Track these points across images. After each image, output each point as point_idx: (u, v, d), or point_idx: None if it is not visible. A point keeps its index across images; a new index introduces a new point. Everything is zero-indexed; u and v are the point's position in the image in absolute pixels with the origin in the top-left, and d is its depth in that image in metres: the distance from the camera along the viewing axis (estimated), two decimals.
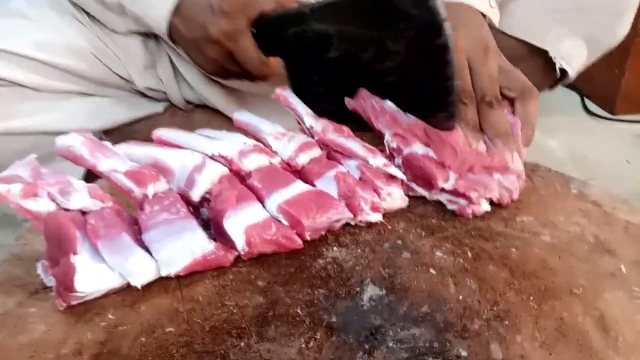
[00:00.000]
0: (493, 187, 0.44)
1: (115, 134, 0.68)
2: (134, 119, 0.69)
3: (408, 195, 0.46)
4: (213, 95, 0.71)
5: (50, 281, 0.37)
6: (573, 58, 0.73)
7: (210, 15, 0.52)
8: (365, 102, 0.49)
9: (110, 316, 0.35)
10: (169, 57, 0.69)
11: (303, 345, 0.32)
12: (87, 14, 0.67)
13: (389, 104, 0.48)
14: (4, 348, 0.33)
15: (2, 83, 0.61)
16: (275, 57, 0.55)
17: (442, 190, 0.44)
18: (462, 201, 0.44)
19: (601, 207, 0.47)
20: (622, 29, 0.75)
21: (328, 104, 0.51)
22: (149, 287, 0.37)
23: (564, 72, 0.75)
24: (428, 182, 0.45)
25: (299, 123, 0.50)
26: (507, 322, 0.34)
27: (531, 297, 0.37)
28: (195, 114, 0.74)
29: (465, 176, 0.44)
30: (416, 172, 0.45)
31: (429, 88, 0.45)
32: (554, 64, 0.74)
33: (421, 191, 0.46)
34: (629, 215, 0.46)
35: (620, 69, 1.06)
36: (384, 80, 0.48)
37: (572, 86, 1.20)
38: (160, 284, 0.37)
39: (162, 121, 0.72)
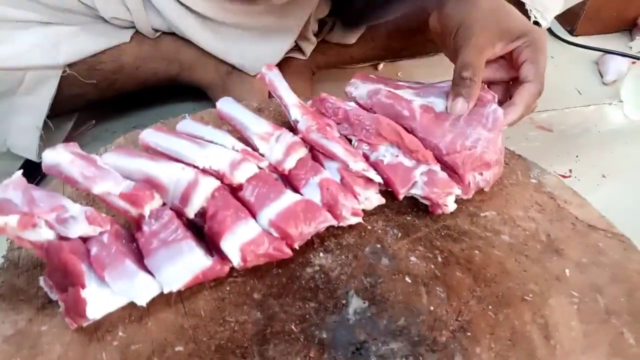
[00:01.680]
0: (451, 185, 0.48)
1: (79, 66, 0.65)
2: (99, 50, 0.65)
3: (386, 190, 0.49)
4: (182, 24, 0.67)
5: (55, 296, 0.39)
6: (548, 11, 0.73)
7: None
8: (327, 109, 0.50)
9: (120, 333, 0.38)
10: None
11: None
12: None
13: (350, 105, 0.49)
14: None
15: None
16: None
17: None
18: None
19: (555, 200, 0.52)
20: None
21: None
22: (152, 301, 0.40)
23: (537, 24, 0.76)
24: (395, 191, 0.48)
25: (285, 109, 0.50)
26: (469, 334, 0.41)
27: (490, 307, 0.43)
28: (163, 42, 0.71)
29: (432, 176, 0.47)
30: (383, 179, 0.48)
31: None
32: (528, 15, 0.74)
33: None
34: (578, 210, 0.52)
35: None
36: None
37: None
38: (162, 298, 0.40)
39: (128, 50, 0.68)
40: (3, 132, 0.63)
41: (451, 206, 0.48)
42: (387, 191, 0.49)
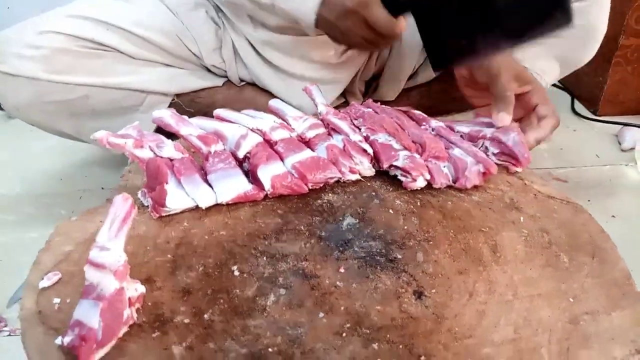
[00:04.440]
0: (425, 169, 0.62)
1: (184, 97, 0.92)
2: (199, 88, 0.92)
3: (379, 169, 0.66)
4: (264, 75, 0.92)
5: (147, 202, 0.58)
6: (547, 73, 0.92)
7: None
8: (351, 110, 0.69)
9: (185, 223, 0.56)
10: (232, 42, 0.91)
11: (302, 245, 0.53)
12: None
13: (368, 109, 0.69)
14: None
15: (106, 49, 0.84)
16: (400, 17, 0.67)
17: (393, 166, 0.63)
18: (408, 176, 0.62)
19: (523, 180, 0.66)
20: (589, 54, 0.94)
21: (456, 40, 0.64)
22: (209, 209, 0.58)
23: None
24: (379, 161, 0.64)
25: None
26: (431, 243, 0.54)
27: (452, 231, 0.56)
28: (246, 90, 0.96)
29: (413, 159, 0.63)
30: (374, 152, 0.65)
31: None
32: None
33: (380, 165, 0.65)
34: (541, 187, 0.65)
35: (604, 77, 1.22)
36: (496, 8, 0.60)
37: (565, 88, 1.36)
38: (216, 208, 0.58)
39: (220, 92, 0.94)
40: None
41: (419, 183, 0.62)
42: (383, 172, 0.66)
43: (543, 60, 0.91)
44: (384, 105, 0.72)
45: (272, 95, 0.94)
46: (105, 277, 0.42)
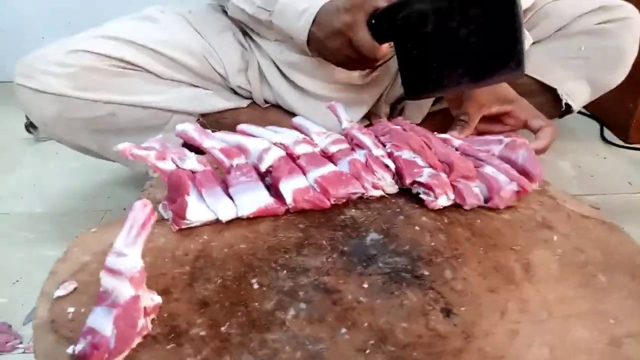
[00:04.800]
0: (450, 188, 0.60)
1: (209, 118, 0.92)
2: (224, 109, 0.92)
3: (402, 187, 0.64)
4: (288, 96, 0.92)
5: (167, 215, 0.58)
6: (576, 96, 0.90)
7: (335, 14, 0.71)
8: (378, 127, 0.68)
9: (205, 237, 0.55)
10: (258, 64, 0.91)
11: (324, 260, 0.51)
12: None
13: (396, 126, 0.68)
14: None
15: (134, 68, 0.85)
16: (385, 44, 0.72)
17: (416, 182, 0.61)
18: (430, 194, 0.60)
19: (555, 199, 0.63)
20: (619, 77, 0.92)
21: (427, 73, 0.70)
22: (229, 222, 0.57)
23: (569, 105, 0.92)
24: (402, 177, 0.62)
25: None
26: (460, 260, 0.52)
27: (481, 249, 0.54)
28: (270, 112, 0.96)
29: (437, 177, 0.60)
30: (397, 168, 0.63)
31: (502, 41, 0.62)
32: (560, 99, 0.91)
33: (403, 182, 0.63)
34: (575, 207, 0.62)
35: (634, 103, 1.19)
36: (467, 44, 0.65)
37: (593, 116, 1.33)
38: (237, 222, 0.57)
39: (244, 113, 0.94)
40: None
41: (442, 202, 0.59)
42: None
43: (572, 82, 0.89)
44: (412, 124, 0.70)
45: (295, 116, 0.94)
46: (121, 284, 0.41)
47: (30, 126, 1.23)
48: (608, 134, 1.27)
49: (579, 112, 1.33)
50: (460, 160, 0.63)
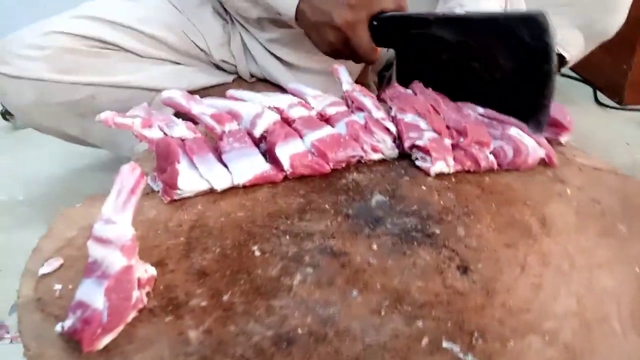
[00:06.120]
0: (450, 154, 0.56)
1: (193, 94, 0.87)
2: (209, 85, 0.88)
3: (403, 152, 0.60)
4: (274, 70, 0.88)
5: (158, 186, 0.54)
6: (570, 45, 0.86)
7: (337, 6, 0.65)
8: (388, 91, 0.65)
9: (199, 207, 0.51)
10: (241, 37, 0.87)
11: (328, 223, 0.48)
12: None
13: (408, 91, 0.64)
14: None
15: (113, 47, 0.81)
16: (381, 47, 0.68)
17: (415, 146, 0.57)
18: (427, 158, 0.56)
19: (564, 154, 0.61)
20: (615, 22, 0.88)
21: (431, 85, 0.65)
22: (224, 192, 0.53)
23: (563, 57, 0.89)
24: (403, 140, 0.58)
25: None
26: (472, 217, 0.49)
27: (493, 204, 0.51)
28: (257, 86, 0.92)
29: (438, 141, 0.57)
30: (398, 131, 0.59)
31: (528, 103, 0.57)
32: None
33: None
34: (585, 160, 0.60)
35: (628, 63, 1.17)
36: (486, 88, 0.60)
37: (585, 80, 1.31)
38: (232, 191, 0.53)
39: (230, 89, 0.89)
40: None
41: (439, 167, 0.55)
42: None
43: (565, 30, 0.85)
44: (428, 89, 0.66)
45: (284, 91, 0.90)
46: (111, 253, 0.37)
47: (7, 113, 1.18)
48: (601, 97, 1.25)
49: (572, 77, 1.32)
50: (475, 125, 0.59)
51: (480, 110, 0.64)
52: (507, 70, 0.58)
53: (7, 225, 0.88)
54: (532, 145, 0.57)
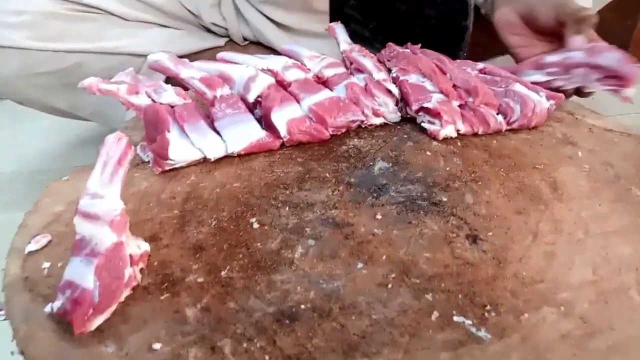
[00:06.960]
0: (459, 116, 0.53)
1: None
2: (199, 49, 0.84)
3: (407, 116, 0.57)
4: (267, 32, 0.84)
5: (147, 156, 0.51)
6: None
7: None
8: (387, 51, 0.62)
9: (193, 177, 0.49)
10: None
11: (330, 193, 0.46)
12: None
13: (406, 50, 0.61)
14: None
15: (98, 11, 0.77)
16: None
17: (422, 109, 0.54)
18: (436, 122, 0.53)
19: (573, 115, 0.58)
20: None
21: (361, 27, 0.66)
22: (218, 161, 0.50)
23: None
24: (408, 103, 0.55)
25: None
26: (480, 183, 0.47)
27: (502, 170, 0.49)
28: (250, 49, 0.88)
29: (447, 103, 0.54)
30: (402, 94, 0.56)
31: (449, 39, 0.60)
32: None
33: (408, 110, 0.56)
34: (595, 121, 0.57)
35: (634, 19, 1.13)
36: (411, 26, 0.61)
37: None
38: (227, 160, 0.51)
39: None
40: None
41: (447, 131, 0.53)
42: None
43: None
44: (425, 49, 0.62)
45: (278, 54, 0.86)
46: (100, 230, 0.35)
47: None
48: None
49: None
50: (483, 86, 0.56)
51: (480, 66, 0.61)
52: (429, 18, 0.62)
53: None
54: (537, 98, 0.54)
